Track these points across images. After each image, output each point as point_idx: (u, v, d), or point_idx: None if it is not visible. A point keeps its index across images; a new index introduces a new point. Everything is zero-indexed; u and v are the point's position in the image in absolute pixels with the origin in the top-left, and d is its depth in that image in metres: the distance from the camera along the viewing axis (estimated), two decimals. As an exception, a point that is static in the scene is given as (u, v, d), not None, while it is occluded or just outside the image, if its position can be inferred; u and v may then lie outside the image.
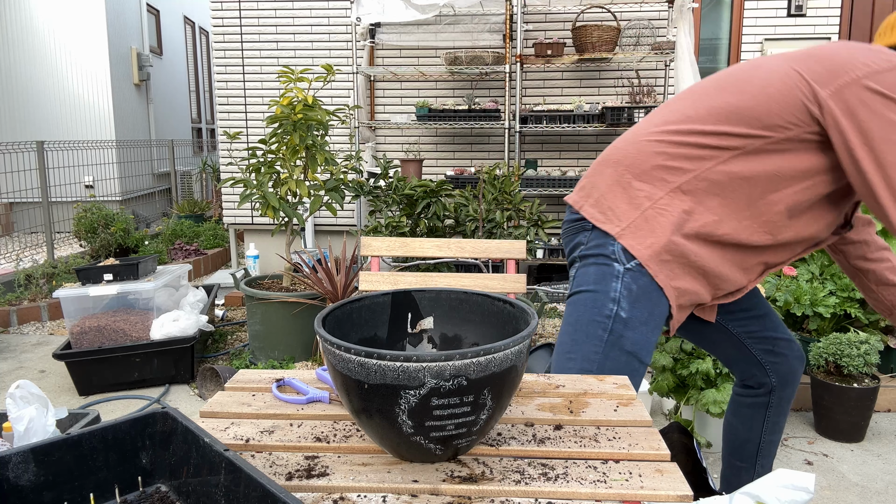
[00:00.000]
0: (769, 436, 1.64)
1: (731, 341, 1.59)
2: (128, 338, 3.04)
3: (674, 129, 1.27)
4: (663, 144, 1.27)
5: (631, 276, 1.27)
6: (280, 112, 3.12)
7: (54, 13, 6.87)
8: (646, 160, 1.28)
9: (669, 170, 1.26)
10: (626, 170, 1.30)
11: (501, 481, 0.78)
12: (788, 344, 1.58)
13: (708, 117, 1.24)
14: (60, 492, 0.72)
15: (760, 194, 1.24)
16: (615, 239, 1.28)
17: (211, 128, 10.25)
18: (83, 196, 6.63)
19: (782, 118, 1.19)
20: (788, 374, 1.59)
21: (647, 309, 1.27)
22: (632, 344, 1.27)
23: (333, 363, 0.78)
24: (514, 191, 3.49)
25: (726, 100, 1.24)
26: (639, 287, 1.26)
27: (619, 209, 1.29)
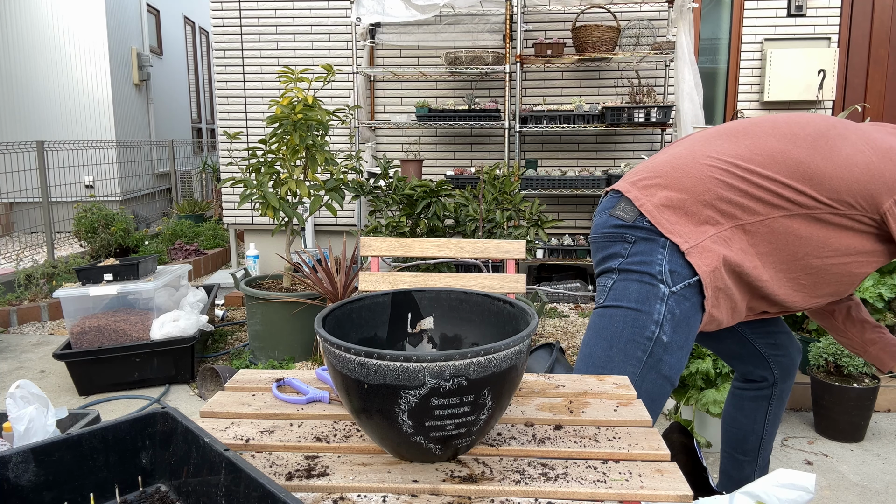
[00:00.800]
0: (771, 427, 1.69)
1: (735, 338, 1.63)
2: (128, 338, 3.04)
3: (752, 168, 1.26)
4: (738, 180, 1.26)
5: (675, 299, 1.26)
6: (280, 112, 3.12)
7: (54, 13, 6.87)
8: (716, 188, 1.26)
9: (741, 207, 1.26)
10: (699, 192, 1.27)
11: (501, 481, 0.78)
12: (788, 337, 1.63)
13: (790, 172, 1.25)
14: (60, 492, 0.72)
15: (805, 254, 1.28)
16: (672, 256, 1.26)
17: (211, 128, 10.25)
18: (83, 196, 6.63)
19: (854, 198, 1.23)
20: (790, 366, 1.64)
21: (686, 334, 1.28)
22: (669, 368, 1.28)
23: (333, 363, 0.78)
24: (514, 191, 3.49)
25: (814, 161, 1.25)
26: (681, 312, 1.26)
27: (685, 226, 1.26)
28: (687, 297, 1.26)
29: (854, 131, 1.28)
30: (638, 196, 1.31)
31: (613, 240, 1.33)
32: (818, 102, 4.54)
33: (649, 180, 1.32)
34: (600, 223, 1.37)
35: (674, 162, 1.32)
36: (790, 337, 1.64)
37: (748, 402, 1.69)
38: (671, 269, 1.25)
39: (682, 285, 1.25)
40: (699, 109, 3.98)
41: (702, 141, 1.35)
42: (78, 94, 6.98)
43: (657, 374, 1.28)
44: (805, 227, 1.26)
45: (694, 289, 1.26)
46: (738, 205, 1.26)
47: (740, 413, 1.70)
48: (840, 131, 1.28)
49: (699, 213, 1.26)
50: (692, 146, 1.34)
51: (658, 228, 1.27)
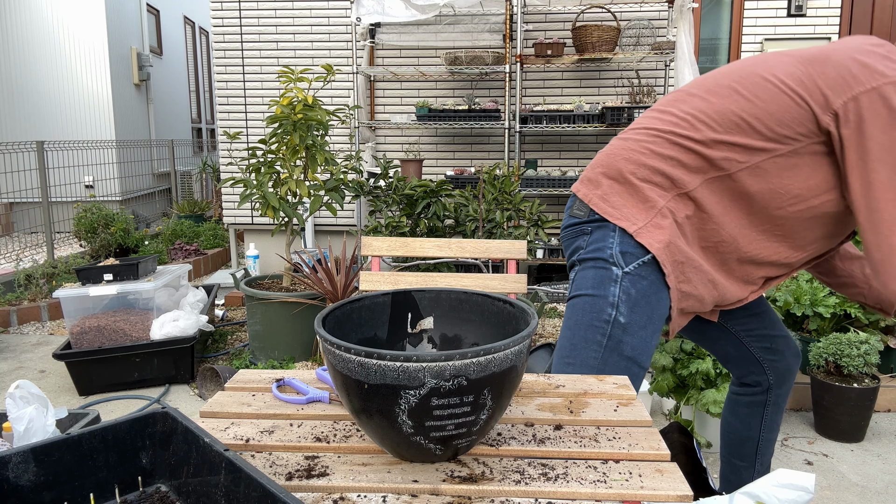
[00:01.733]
0: (768, 434, 1.64)
1: (729, 340, 1.59)
2: (128, 338, 3.04)
3: (677, 132, 1.25)
4: (667, 147, 1.25)
5: (630, 280, 1.25)
6: (280, 112, 3.12)
7: (54, 13, 6.87)
8: (647, 162, 1.26)
9: (676, 174, 1.24)
10: (631, 170, 1.27)
11: (501, 481, 0.78)
12: (785, 341, 1.57)
13: (717, 125, 1.21)
14: (60, 492, 0.72)
15: (762, 208, 1.23)
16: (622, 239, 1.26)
17: (211, 128, 10.25)
18: (83, 196, 6.63)
19: (791, 129, 1.17)
20: (786, 372, 1.58)
21: (647, 313, 1.27)
22: (631, 349, 1.27)
23: (333, 363, 0.78)
24: (514, 191, 3.49)
25: (740, 105, 1.20)
26: (637, 291, 1.25)
27: (631, 207, 1.26)
28: (643, 275, 1.25)
29: (786, 54, 1.22)
30: (586, 192, 1.33)
31: (575, 235, 1.36)
32: (818, 102, 4.54)
33: (592, 173, 1.34)
34: (563, 223, 1.41)
35: (608, 149, 1.34)
36: (788, 341, 1.58)
37: (743, 408, 1.65)
38: (622, 250, 1.26)
39: (635, 265, 1.25)
40: (699, 109, 3.98)
41: (632, 124, 1.36)
42: (78, 94, 6.98)
43: (619, 356, 1.26)
44: (752, 182, 1.21)
45: (650, 267, 1.25)
46: (672, 173, 1.24)
47: (736, 419, 1.67)
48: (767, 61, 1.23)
49: (641, 191, 1.26)
50: (622, 132, 1.36)
51: (606, 218, 1.28)
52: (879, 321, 2.76)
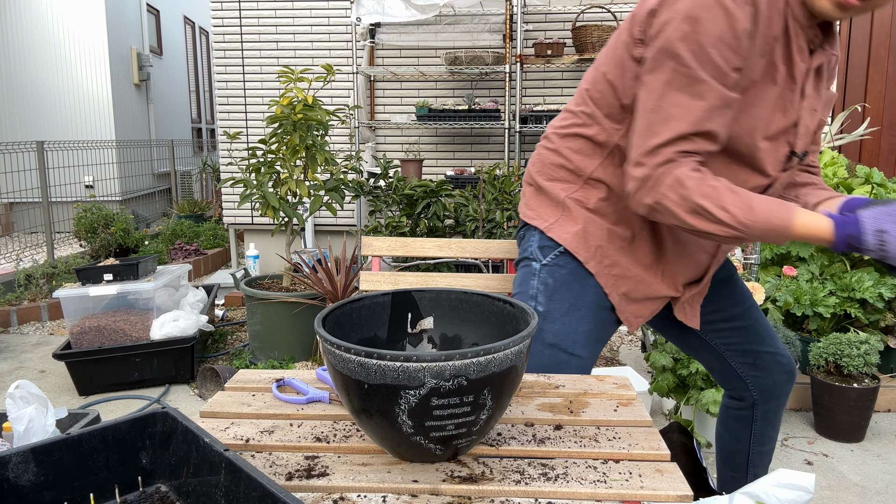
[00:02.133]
0: (758, 447, 1.57)
1: (710, 351, 1.51)
2: (128, 338, 3.04)
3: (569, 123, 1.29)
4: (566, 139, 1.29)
5: (547, 270, 1.29)
6: (280, 112, 3.12)
7: (54, 13, 6.87)
8: (548, 159, 1.32)
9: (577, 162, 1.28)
10: (539, 172, 1.34)
11: (501, 481, 0.78)
12: (773, 357, 1.47)
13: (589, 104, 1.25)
14: (60, 492, 0.72)
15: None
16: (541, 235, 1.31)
17: (211, 128, 10.25)
18: (83, 196, 6.63)
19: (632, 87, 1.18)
20: (771, 389, 1.49)
21: (568, 300, 1.28)
22: (552, 336, 1.27)
23: (333, 363, 0.78)
24: (514, 191, 3.49)
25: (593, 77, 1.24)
26: (555, 280, 1.28)
27: (545, 207, 1.32)
28: (561, 264, 1.28)
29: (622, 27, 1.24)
30: (519, 205, 1.42)
31: (517, 244, 1.43)
32: (818, 102, 4.54)
33: (523, 184, 1.42)
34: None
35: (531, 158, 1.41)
36: (777, 357, 1.47)
37: (732, 421, 1.58)
38: (540, 245, 1.30)
39: (552, 256, 1.29)
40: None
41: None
42: (78, 94, 6.98)
43: (541, 343, 1.27)
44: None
45: (567, 256, 1.28)
46: (570, 164, 1.28)
47: (725, 430, 1.61)
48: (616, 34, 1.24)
49: (548, 189, 1.31)
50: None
51: (527, 221, 1.35)
52: (879, 321, 2.76)
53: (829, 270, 2.85)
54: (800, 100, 1.18)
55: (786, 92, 1.15)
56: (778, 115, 1.16)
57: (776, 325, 2.66)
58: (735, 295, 1.47)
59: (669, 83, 1.07)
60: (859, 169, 2.90)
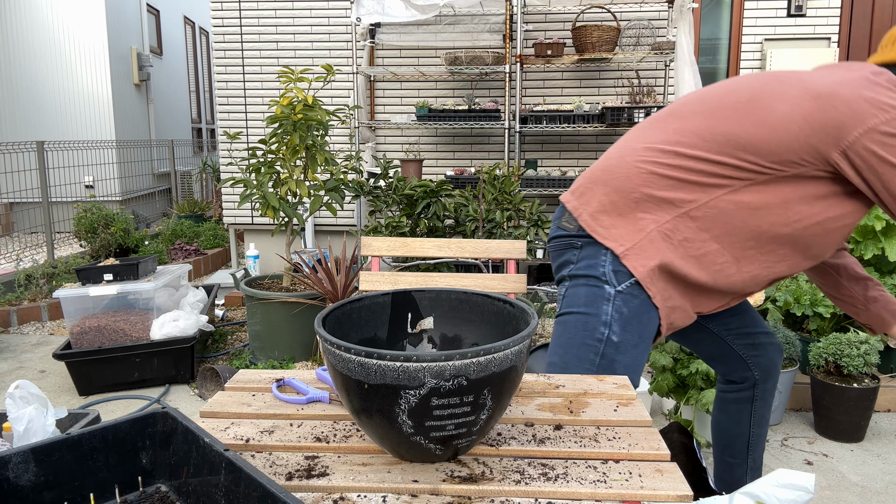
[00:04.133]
0: (757, 429, 1.66)
1: (712, 339, 1.61)
2: (128, 338, 3.04)
3: (680, 152, 1.23)
4: (667, 168, 1.23)
5: (622, 298, 1.25)
6: (280, 112, 3.12)
7: (54, 13, 6.87)
8: (646, 181, 1.24)
9: (677, 195, 1.23)
10: (630, 189, 1.26)
11: (501, 481, 0.78)
12: (767, 337, 1.60)
13: (722, 147, 1.20)
14: (60, 492, 0.72)
15: (769, 225, 1.23)
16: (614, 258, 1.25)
17: (211, 128, 10.25)
18: (83, 196, 6.63)
19: (798, 156, 1.18)
20: (769, 367, 1.61)
21: (638, 331, 1.27)
22: (623, 368, 1.28)
23: (333, 363, 0.78)
24: (514, 191, 3.49)
25: (745, 129, 1.19)
26: (630, 310, 1.26)
27: (620, 228, 1.26)
28: (634, 294, 1.25)
29: (794, 83, 1.21)
30: (576, 206, 1.33)
31: (564, 248, 1.35)
32: (818, 102, 4.54)
33: (585, 187, 1.33)
34: (551, 233, 1.41)
35: (604, 163, 1.32)
36: (769, 336, 1.61)
37: (732, 405, 1.67)
38: (614, 268, 1.25)
39: (627, 284, 1.25)
40: (699, 109, 3.97)
41: (631, 135, 1.34)
42: (78, 94, 6.98)
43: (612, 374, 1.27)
44: (756, 198, 1.20)
45: (639, 286, 1.25)
46: (673, 193, 1.23)
47: (725, 416, 1.69)
48: (775, 88, 1.21)
49: (633, 211, 1.25)
50: (621, 142, 1.34)
51: (594, 237, 1.27)
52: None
53: (829, 270, 2.85)
54: None
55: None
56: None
57: (776, 325, 2.66)
58: None
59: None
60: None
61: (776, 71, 1.28)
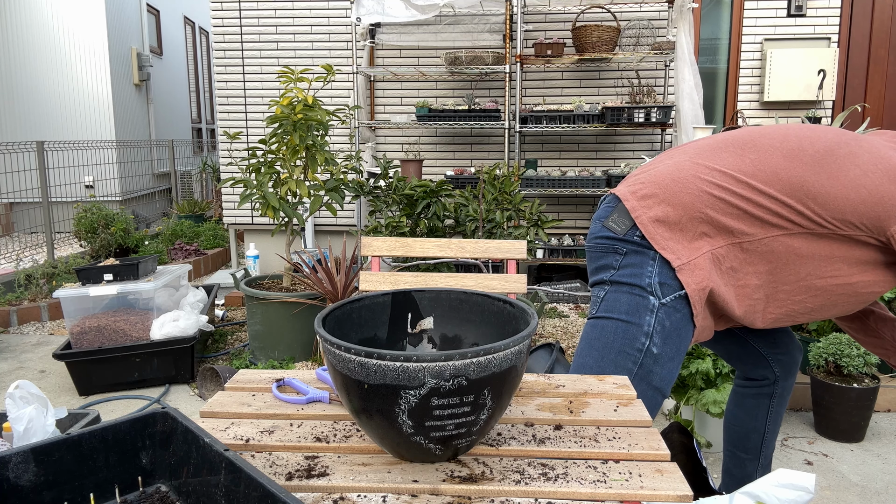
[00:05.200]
0: (773, 425, 1.68)
1: (733, 339, 1.63)
2: (128, 338, 3.04)
3: (753, 185, 1.24)
4: (737, 197, 1.24)
5: (665, 311, 1.26)
6: (280, 112, 3.12)
7: (54, 13, 6.87)
8: (713, 204, 1.25)
9: (739, 225, 1.25)
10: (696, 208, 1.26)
11: (501, 481, 0.78)
12: (787, 335, 1.62)
13: (793, 191, 1.22)
14: (60, 492, 0.72)
15: (807, 274, 1.26)
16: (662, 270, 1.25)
17: (211, 128, 10.25)
18: (83, 196, 6.63)
19: (860, 220, 1.21)
20: (790, 364, 1.63)
21: (676, 345, 1.29)
22: (660, 380, 1.29)
23: (333, 363, 0.78)
24: (514, 191, 3.49)
25: (819, 180, 1.22)
26: (671, 323, 1.26)
27: (678, 242, 1.26)
28: (677, 308, 1.26)
29: (867, 149, 1.24)
30: (635, 206, 1.30)
31: (606, 251, 1.33)
32: (818, 102, 4.54)
33: (648, 190, 1.31)
34: (594, 232, 1.37)
35: (674, 174, 1.30)
36: (790, 334, 1.63)
37: (749, 400, 1.68)
38: (661, 280, 1.25)
39: (672, 297, 1.25)
40: (699, 109, 3.98)
41: (706, 151, 1.32)
42: (78, 94, 6.98)
43: (648, 385, 1.28)
44: (806, 246, 1.24)
45: (684, 300, 1.26)
46: (735, 222, 1.24)
47: (742, 411, 1.70)
48: (851, 149, 1.24)
49: (694, 229, 1.25)
50: (695, 156, 1.32)
51: (651, 243, 1.27)
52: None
53: (829, 270, 2.85)
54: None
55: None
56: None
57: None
58: None
59: None
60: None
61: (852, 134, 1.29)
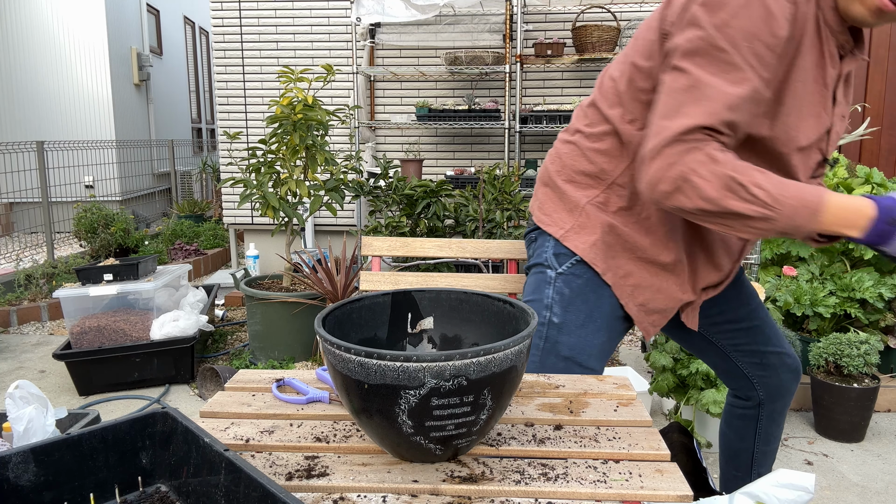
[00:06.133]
0: (763, 446, 1.56)
1: (716, 352, 1.50)
2: (128, 338, 3.04)
3: (595, 120, 1.25)
4: (591, 139, 1.25)
5: (563, 279, 1.25)
6: (280, 112, 3.12)
7: (54, 13, 6.87)
8: (569, 161, 1.27)
9: (602, 164, 1.24)
10: (558, 172, 1.29)
11: (501, 481, 0.78)
12: (780, 357, 1.47)
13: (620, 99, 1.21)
14: (60, 492, 0.72)
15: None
16: (556, 242, 1.27)
17: (211, 128, 10.25)
18: (83, 196, 6.62)
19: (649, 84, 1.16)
20: (778, 388, 1.49)
21: (584, 311, 1.25)
22: (568, 349, 1.25)
23: (333, 363, 0.78)
24: (514, 191, 3.49)
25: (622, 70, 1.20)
26: (572, 290, 1.25)
27: (560, 212, 1.28)
28: (577, 274, 1.25)
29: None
30: (531, 203, 1.38)
31: (527, 245, 1.39)
32: (818, 102, 4.54)
33: (538, 183, 1.38)
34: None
35: (545, 158, 1.37)
36: (783, 357, 1.46)
37: (736, 420, 1.57)
38: (555, 252, 1.27)
39: (568, 265, 1.25)
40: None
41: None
42: (78, 94, 6.98)
43: (556, 357, 1.25)
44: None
45: (582, 265, 1.24)
46: (593, 168, 1.24)
47: (731, 430, 1.59)
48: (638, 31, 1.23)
49: (566, 193, 1.27)
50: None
51: (540, 226, 1.31)
52: (879, 321, 2.76)
53: (829, 270, 2.85)
54: (832, 106, 1.16)
55: (818, 98, 1.13)
56: (812, 121, 1.13)
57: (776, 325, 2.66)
58: (742, 296, 1.44)
59: (705, 67, 1.03)
60: (859, 169, 2.90)
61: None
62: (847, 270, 2.83)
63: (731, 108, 1.02)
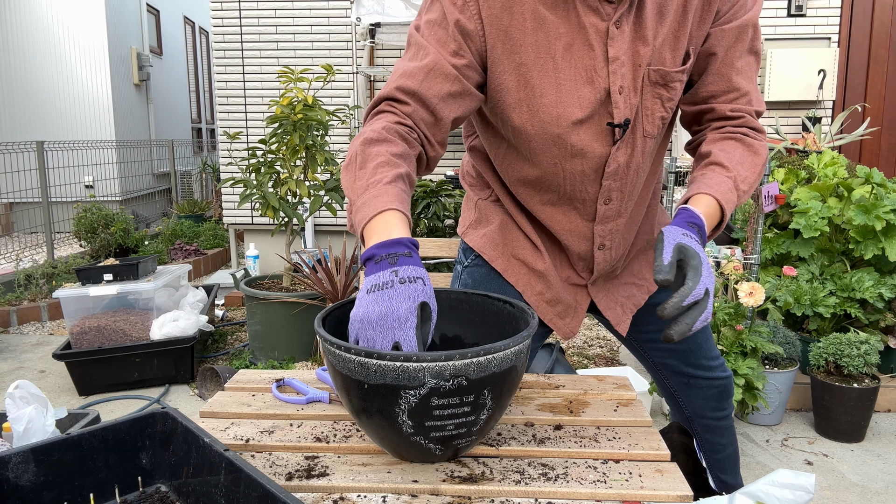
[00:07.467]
0: (713, 455, 1.50)
1: (650, 367, 1.48)
2: (128, 338, 3.04)
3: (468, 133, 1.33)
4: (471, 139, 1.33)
5: (468, 272, 1.33)
6: (280, 112, 3.12)
7: (54, 13, 6.87)
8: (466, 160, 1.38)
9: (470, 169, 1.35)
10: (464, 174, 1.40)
11: (501, 481, 0.78)
12: (707, 380, 1.42)
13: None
14: (60, 492, 0.72)
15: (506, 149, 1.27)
16: (461, 239, 1.38)
17: (211, 128, 10.25)
18: (83, 196, 6.62)
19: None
20: (702, 406, 1.44)
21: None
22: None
23: (333, 363, 0.78)
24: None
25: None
26: (474, 280, 1.32)
27: (465, 212, 1.40)
28: (479, 265, 1.32)
29: None
30: None
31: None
32: (818, 102, 4.54)
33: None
34: None
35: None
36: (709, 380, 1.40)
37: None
38: (463, 248, 1.38)
39: (472, 258, 1.34)
40: (699, 109, 3.98)
41: None
42: (78, 94, 6.98)
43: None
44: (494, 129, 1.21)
45: (480, 256, 1.33)
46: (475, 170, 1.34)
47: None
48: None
49: (468, 193, 1.39)
50: None
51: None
52: (879, 321, 2.76)
53: (829, 270, 2.85)
54: (604, 65, 1.05)
55: (578, 65, 1.05)
56: (583, 91, 1.06)
57: (776, 325, 2.66)
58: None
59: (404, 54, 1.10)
60: (859, 169, 2.90)
61: None
62: (847, 270, 2.83)
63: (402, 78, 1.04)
